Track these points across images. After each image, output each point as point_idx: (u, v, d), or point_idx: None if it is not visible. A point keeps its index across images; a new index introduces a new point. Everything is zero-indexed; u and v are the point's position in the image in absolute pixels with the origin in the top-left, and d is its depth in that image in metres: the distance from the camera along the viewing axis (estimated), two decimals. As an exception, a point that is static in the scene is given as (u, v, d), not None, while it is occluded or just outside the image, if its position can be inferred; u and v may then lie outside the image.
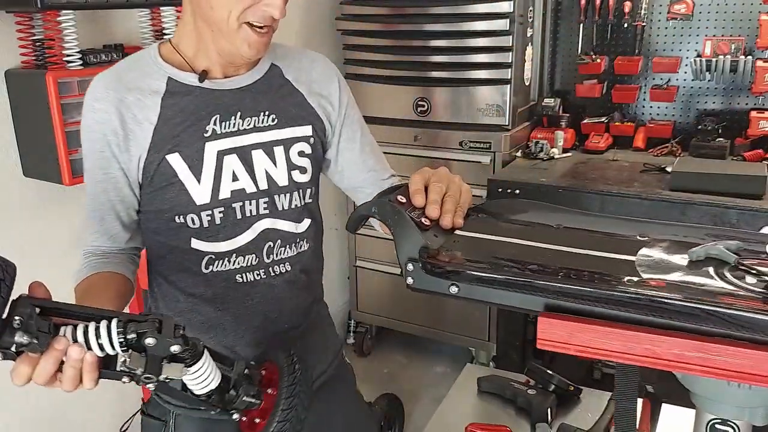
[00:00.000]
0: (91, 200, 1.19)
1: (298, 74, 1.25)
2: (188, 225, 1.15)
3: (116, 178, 1.15)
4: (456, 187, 1.00)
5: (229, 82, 1.17)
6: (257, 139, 1.17)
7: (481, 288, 0.80)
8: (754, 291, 0.68)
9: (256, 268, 1.20)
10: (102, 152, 1.13)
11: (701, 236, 0.84)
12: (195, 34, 1.14)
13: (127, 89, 1.12)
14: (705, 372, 0.65)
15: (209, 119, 1.14)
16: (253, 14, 1.06)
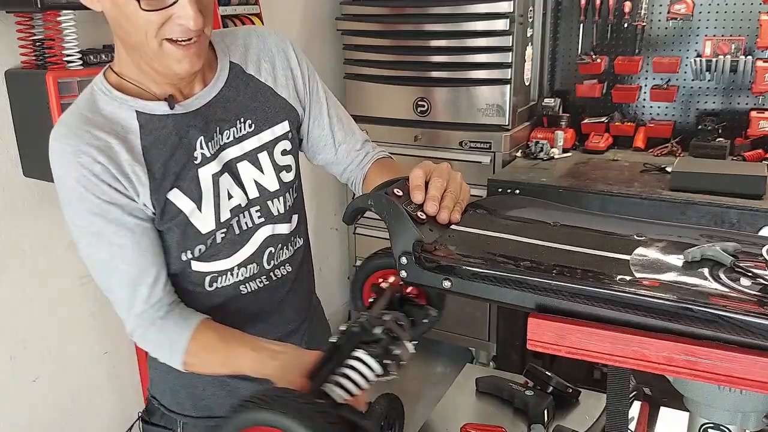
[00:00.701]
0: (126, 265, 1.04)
1: (258, 63, 1.16)
2: (194, 256, 1.11)
3: (144, 217, 1.05)
4: (456, 184, 1.00)
5: (197, 100, 1.08)
6: (239, 151, 1.12)
7: (473, 283, 0.80)
8: (748, 293, 0.68)
9: (257, 275, 1.18)
10: (114, 201, 1.01)
11: (698, 237, 0.84)
12: (131, 60, 1.04)
13: (105, 133, 1.01)
14: (695, 375, 0.65)
15: (194, 144, 1.07)
16: (170, 31, 0.95)
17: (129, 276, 1.04)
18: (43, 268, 1.93)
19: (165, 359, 1.08)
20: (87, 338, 2.09)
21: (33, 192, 1.86)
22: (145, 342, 1.09)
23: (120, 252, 1.03)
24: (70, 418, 2.08)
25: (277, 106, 1.17)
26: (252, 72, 1.16)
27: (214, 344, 1.06)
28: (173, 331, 1.06)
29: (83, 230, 1.03)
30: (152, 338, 1.07)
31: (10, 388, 1.88)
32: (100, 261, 1.05)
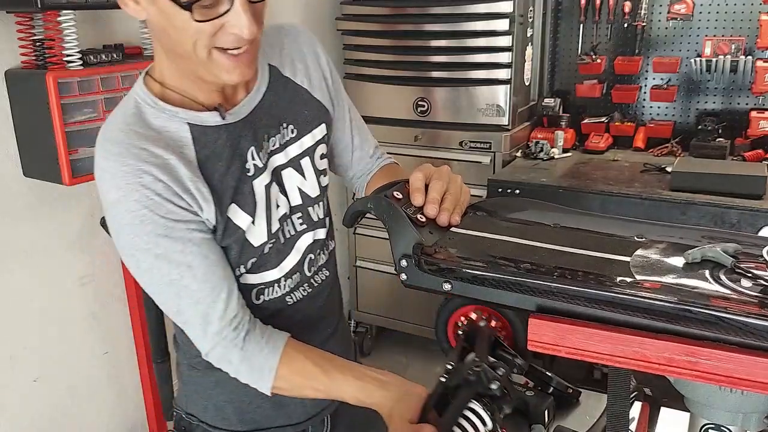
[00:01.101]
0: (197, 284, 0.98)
1: (293, 65, 1.13)
2: (246, 269, 1.07)
3: (208, 231, 1.00)
4: (456, 186, 1.00)
5: (244, 107, 1.04)
6: (284, 158, 1.08)
7: (474, 286, 0.80)
8: (749, 295, 0.68)
9: (301, 284, 1.15)
10: (180, 219, 0.95)
11: (699, 238, 0.84)
12: (177, 70, 0.99)
13: (161, 149, 0.95)
14: (696, 376, 0.65)
15: (246, 155, 1.02)
16: (222, 40, 0.90)
17: (201, 294, 0.98)
18: (43, 268, 1.93)
19: (251, 382, 1.04)
20: (87, 338, 2.09)
21: (33, 192, 1.86)
22: (227, 364, 1.03)
23: (189, 271, 0.97)
24: (70, 418, 2.08)
25: (314, 109, 1.14)
26: (288, 74, 1.12)
27: (307, 369, 1.03)
28: (258, 354, 1.01)
29: (146, 254, 0.96)
30: (236, 362, 1.02)
31: (10, 388, 1.88)
32: (168, 283, 0.98)
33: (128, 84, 1.83)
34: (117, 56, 1.88)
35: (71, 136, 1.71)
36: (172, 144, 0.97)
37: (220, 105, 1.01)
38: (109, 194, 0.95)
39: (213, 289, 0.99)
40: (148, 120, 0.98)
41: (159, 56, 1.01)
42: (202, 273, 0.98)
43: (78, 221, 2.00)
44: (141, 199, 0.92)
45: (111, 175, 0.95)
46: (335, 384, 1.02)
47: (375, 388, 1.00)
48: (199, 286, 0.98)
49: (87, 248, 2.04)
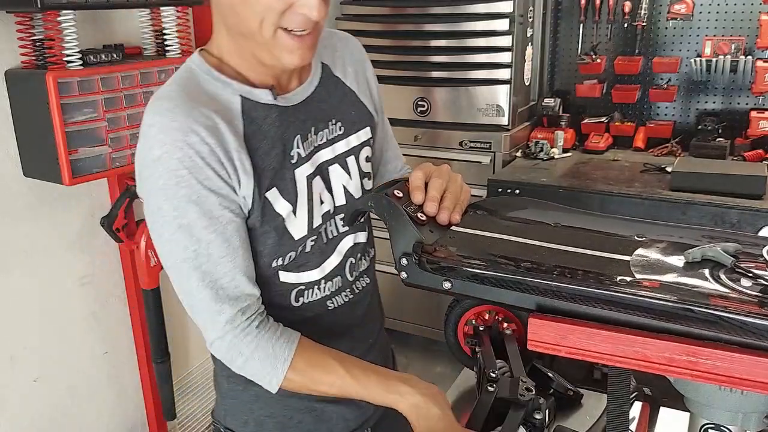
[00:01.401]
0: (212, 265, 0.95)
1: (344, 67, 1.14)
2: (284, 263, 1.04)
3: (239, 214, 0.97)
4: (456, 185, 1.00)
5: (296, 95, 1.04)
6: (331, 154, 1.07)
7: (474, 285, 0.80)
8: (749, 294, 0.68)
9: (342, 289, 1.12)
10: (216, 190, 0.93)
11: (699, 237, 0.84)
12: (234, 47, 0.99)
13: (212, 112, 0.94)
14: (696, 376, 0.65)
15: (292, 142, 1.01)
16: (289, 20, 0.91)
17: (215, 276, 0.95)
18: (43, 268, 1.93)
19: (261, 373, 0.98)
20: (87, 338, 2.09)
21: (33, 192, 1.86)
22: (236, 355, 0.98)
23: (207, 249, 0.94)
24: (70, 418, 2.08)
25: (360, 112, 1.14)
26: (339, 75, 1.13)
27: (326, 362, 0.99)
28: (274, 343, 0.97)
29: (171, 222, 0.93)
30: (247, 351, 0.97)
31: (10, 388, 1.88)
32: (183, 259, 0.95)
33: (128, 84, 1.83)
34: (117, 56, 1.88)
35: (71, 136, 1.71)
36: (222, 111, 0.95)
37: (272, 86, 1.01)
38: (151, 151, 0.91)
39: (227, 274, 0.95)
40: (201, 85, 0.98)
41: (219, 33, 1.01)
42: (219, 255, 0.94)
43: (78, 221, 2.00)
44: (183, 159, 0.90)
45: (158, 130, 0.91)
46: (358, 381, 0.98)
47: (411, 393, 0.98)
48: (215, 268, 0.94)
49: (87, 248, 2.04)
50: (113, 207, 2.00)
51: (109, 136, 1.80)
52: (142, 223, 2.02)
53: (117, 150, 1.83)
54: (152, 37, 2.01)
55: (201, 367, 2.51)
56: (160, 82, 1.92)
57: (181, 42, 2.00)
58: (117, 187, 2.00)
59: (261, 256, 1.01)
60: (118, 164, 1.84)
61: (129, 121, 1.84)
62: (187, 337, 2.43)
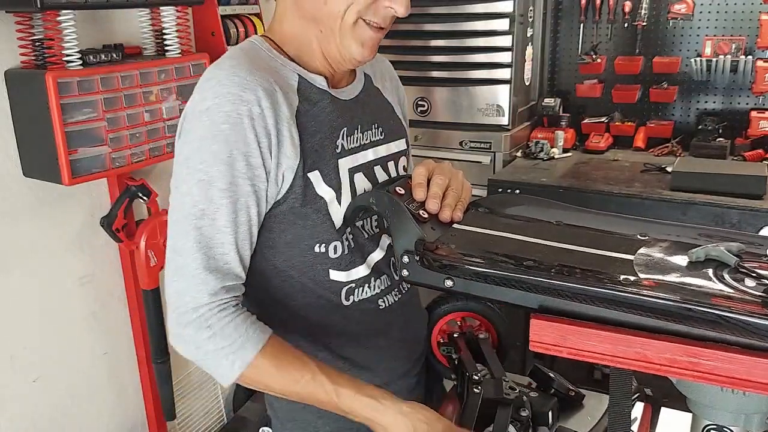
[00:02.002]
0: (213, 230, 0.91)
1: (382, 82, 1.19)
2: (329, 255, 1.02)
3: (258, 194, 0.94)
4: (458, 182, 1.00)
5: (344, 92, 1.06)
6: (374, 155, 1.09)
7: (476, 283, 0.80)
8: (752, 294, 0.68)
9: (392, 288, 1.11)
10: (248, 156, 0.91)
11: (702, 237, 0.84)
12: (298, 34, 1.01)
13: (273, 79, 0.94)
14: (697, 377, 0.65)
15: (339, 132, 1.02)
16: (374, 12, 0.94)
17: (212, 242, 0.91)
18: (43, 268, 1.92)
19: (223, 353, 0.90)
20: (87, 338, 2.09)
21: (33, 192, 1.86)
22: (204, 327, 0.90)
23: (214, 213, 0.90)
24: (70, 418, 2.07)
25: (396, 123, 1.17)
26: (378, 86, 1.17)
27: (298, 356, 0.93)
28: (248, 326, 0.92)
29: (192, 174, 0.91)
30: (217, 325, 0.90)
31: (10, 388, 1.88)
32: (189, 214, 0.91)
33: (128, 84, 1.83)
34: (117, 56, 1.88)
35: (71, 136, 1.70)
36: (280, 82, 0.96)
37: (326, 78, 1.03)
38: (203, 102, 0.91)
39: (224, 245, 0.92)
40: (262, 57, 0.99)
41: (282, 20, 1.03)
42: (223, 224, 0.91)
43: (78, 221, 1.99)
44: (231, 113, 0.89)
45: (216, 82, 0.91)
46: (331, 381, 0.92)
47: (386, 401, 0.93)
48: (214, 235, 0.91)
49: (87, 248, 2.03)
50: (113, 207, 2.00)
51: (109, 136, 1.79)
52: (142, 224, 2.02)
53: (117, 150, 1.82)
54: (152, 37, 2.01)
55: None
56: (160, 82, 1.91)
57: (181, 42, 2.00)
58: (117, 187, 1.99)
59: (300, 241, 1.00)
60: (118, 164, 1.83)
61: (129, 121, 1.84)
62: (187, 338, 2.43)
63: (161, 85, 1.92)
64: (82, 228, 2.01)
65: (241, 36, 2.27)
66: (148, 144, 1.91)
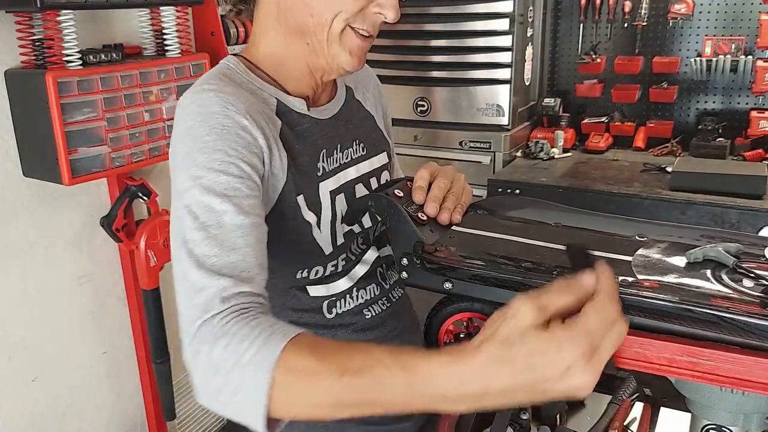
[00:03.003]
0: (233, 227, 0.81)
1: (364, 92, 1.16)
2: (309, 277, 1.00)
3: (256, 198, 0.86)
4: (459, 185, 1.00)
5: (325, 110, 1.04)
6: (356, 173, 1.06)
7: (475, 285, 0.80)
8: (751, 295, 0.68)
9: (379, 297, 1.09)
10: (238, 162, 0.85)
11: (700, 237, 0.84)
12: (278, 52, 0.99)
13: (256, 100, 0.92)
14: (697, 377, 0.65)
15: (318, 155, 1.00)
16: (362, 20, 0.93)
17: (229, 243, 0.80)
18: (43, 267, 1.92)
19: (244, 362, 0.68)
20: (86, 338, 2.09)
21: (33, 192, 1.86)
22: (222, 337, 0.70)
23: (218, 218, 0.81)
24: (70, 418, 2.07)
25: (378, 136, 1.15)
26: (360, 98, 1.14)
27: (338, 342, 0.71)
28: (273, 324, 0.72)
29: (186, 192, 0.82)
30: (235, 329, 0.71)
31: (9, 387, 1.88)
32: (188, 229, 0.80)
33: (128, 84, 1.83)
34: (116, 56, 1.88)
35: (71, 135, 1.71)
36: (261, 105, 0.94)
37: (307, 97, 1.01)
38: (185, 123, 0.87)
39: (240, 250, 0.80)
40: (239, 82, 0.96)
41: (262, 38, 1.00)
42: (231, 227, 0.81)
43: (77, 221, 2.00)
44: (215, 126, 0.85)
45: (197, 105, 0.87)
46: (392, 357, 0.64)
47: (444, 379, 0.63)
48: (222, 239, 0.80)
49: (86, 248, 2.03)
50: (113, 207, 2.00)
51: (109, 136, 1.80)
52: (141, 223, 2.02)
53: (116, 150, 1.82)
54: (152, 37, 2.01)
55: (201, 367, 2.51)
56: (159, 82, 1.92)
57: (181, 42, 2.00)
58: (117, 187, 1.99)
59: (282, 267, 0.95)
60: (118, 164, 1.84)
61: (128, 121, 1.84)
62: (186, 337, 2.43)
63: (161, 84, 1.92)
64: (82, 228, 2.01)
65: (241, 36, 2.27)
66: (147, 144, 1.91)
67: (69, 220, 1.97)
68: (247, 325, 0.71)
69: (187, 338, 0.74)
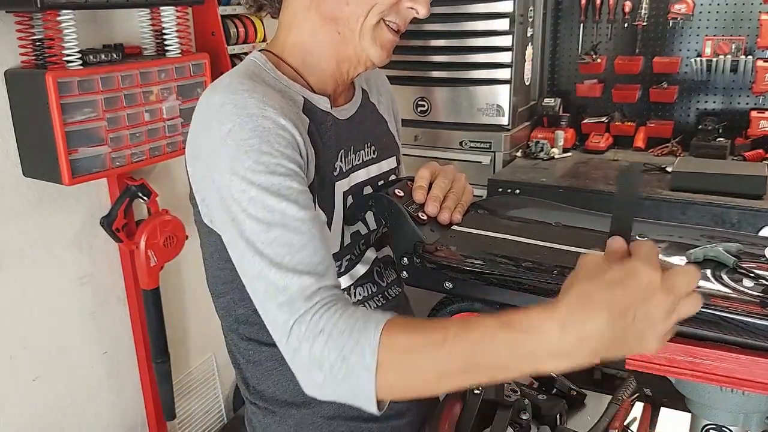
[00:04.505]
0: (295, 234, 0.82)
1: (378, 96, 1.16)
2: None
3: (307, 192, 0.87)
4: (460, 185, 1.00)
5: (344, 111, 1.04)
6: (366, 175, 1.06)
7: (475, 285, 0.80)
8: (751, 294, 0.68)
9: (375, 294, 1.09)
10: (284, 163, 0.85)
11: (700, 237, 0.84)
12: (307, 42, 0.99)
13: (285, 100, 0.92)
14: (697, 377, 0.65)
15: (337, 155, 0.99)
16: (395, 14, 0.95)
17: (298, 244, 0.81)
18: (43, 268, 1.92)
19: (349, 352, 0.72)
20: (87, 338, 2.09)
21: (33, 192, 1.86)
22: (319, 335, 0.74)
23: (281, 216, 0.81)
24: (70, 418, 2.07)
25: (389, 140, 1.15)
26: (374, 101, 1.15)
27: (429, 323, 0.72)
28: (364, 312, 0.77)
29: (240, 196, 0.82)
30: (335, 319, 0.75)
31: (9, 387, 1.88)
32: (255, 233, 0.81)
33: (128, 84, 1.83)
34: (117, 56, 1.88)
35: (71, 135, 1.70)
36: (290, 102, 0.93)
37: (330, 95, 1.01)
38: (222, 126, 0.85)
39: (305, 246, 0.81)
40: (266, 79, 0.96)
41: (291, 26, 1.00)
42: (295, 225, 0.82)
43: (78, 221, 2.00)
44: (256, 129, 0.84)
45: (235, 106, 0.85)
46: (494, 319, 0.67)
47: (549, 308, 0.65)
48: (289, 239, 0.81)
49: (86, 248, 2.03)
50: (113, 207, 2.00)
51: (109, 136, 1.80)
52: (142, 223, 2.02)
53: (117, 150, 1.82)
54: (152, 37, 2.01)
55: (201, 367, 2.51)
56: (160, 82, 1.91)
57: (181, 42, 2.00)
58: (117, 187, 1.99)
59: None
60: (118, 164, 1.84)
61: (129, 121, 1.84)
62: (187, 338, 2.43)
63: (161, 84, 1.92)
64: (82, 228, 2.01)
65: (241, 36, 2.27)
66: (148, 144, 1.91)
67: (69, 220, 1.97)
68: (340, 318, 0.75)
69: (281, 338, 0.78)
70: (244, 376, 1.08)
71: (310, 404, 1.04)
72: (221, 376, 2.59)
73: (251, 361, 1.05)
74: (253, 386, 1.07)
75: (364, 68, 1.01)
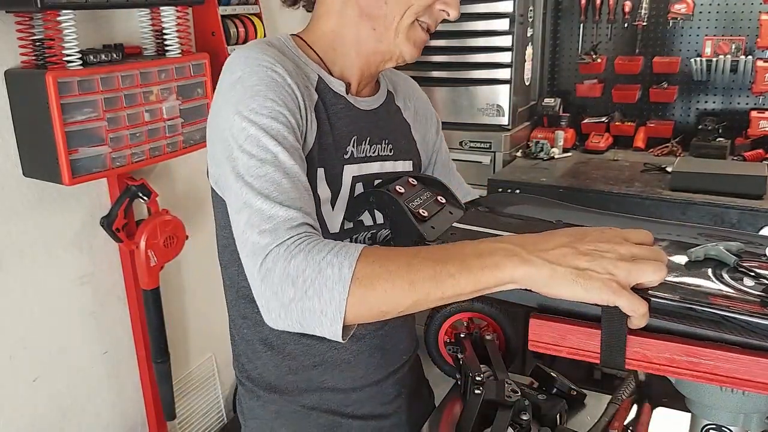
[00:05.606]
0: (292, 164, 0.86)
1: (405, 101, 1.19)
2: None
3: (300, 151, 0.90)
4: None
5: (364, 102, 1.07)
6: (378, 169, 1.07)
7: None
8: (752, 294, 0.68)
9: None
10: (286, 114, 0.89)
11: (701, 236, 0.84)
12: (338, 32, 1.02)
13: (297, 70, 0.96)
14: (697, 377, 0.65)
15: (350, 140, 1.02)
16: (428, 15, 0.99)
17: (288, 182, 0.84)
18: (43, 267, 1.92)
19: (326, 265, 0.74)
20: (87, 338, 2.09)
21: (33, 192, 1.86)
22: (298, 257, 0.75)
23: (275, 157, 0.85)
24: (70, 418, 2.07)
25: (409, 144, 1.17)
26: (399, 105, 1.17)
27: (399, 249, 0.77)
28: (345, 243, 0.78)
29: (238, 134, 0.86)
30: (311, 246, 0.76)
31: (9, 387, 1.88)
32: (248, 167, 0.84)
33: (128, 84, 1.83)
34: (117, 56, 1.88)
35: (71, 135, 1.70)
36: (303, 76, 0.98)
37: (349, 84, 1.04)
38: (233, 75, 0.91)
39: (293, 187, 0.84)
40: (285, 54, 0.99)
41: (326, 16, 1.04)
42: (287, 165, 0.85)
43: (78, 221, 1.99)
44: (264, 77, 0.89)
45: (245, 58, 0.92)
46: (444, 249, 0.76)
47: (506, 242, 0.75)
48: (280, 176, 0.84)
49: (87, 248, 2.03)
50: (113, 207, 2.00)
51: (109, 136, 1.80)
52: (142, 223, 2.02)
53: (117, 150, 1.82)
54: (152, 37, 2.01)
55: (201, 367, 2.51)
56: (160, 82, 1.91)
57: (181, 42, 2.00)
58: (117, 187, 1.99)
59: None
60: (118, 164, 1.83)
61: (129, 121, 1.84)
62: (187, 338, 2.43)
63: (161, 84, 1.92)
64: (82, 228, 2.01)
65: (241, 36, 2.27)
66: (148, 144, 1.91)
67: (69, 220, 1.97)
68: (321, 242, 0.77)
69: (257, 261, 0.78)
70: (237, 354, 1.12)
71: (292, 392, 1.08)
72: (221, 376, 2.59)
73: (245, 339, 1.09)
74: (242, 364, 1.12)
75: (395, 63, 1.05)
